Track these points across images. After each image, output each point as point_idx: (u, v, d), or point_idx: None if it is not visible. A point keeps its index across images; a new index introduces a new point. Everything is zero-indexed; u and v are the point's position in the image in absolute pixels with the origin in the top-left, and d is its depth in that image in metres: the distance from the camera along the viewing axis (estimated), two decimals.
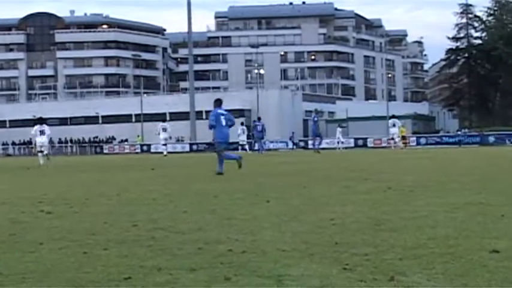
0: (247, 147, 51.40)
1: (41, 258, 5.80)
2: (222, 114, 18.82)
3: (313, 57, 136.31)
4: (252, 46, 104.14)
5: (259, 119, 52.40)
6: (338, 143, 59.82)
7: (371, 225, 7.26)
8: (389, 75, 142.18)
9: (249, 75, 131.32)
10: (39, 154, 31.74)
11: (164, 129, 45.38)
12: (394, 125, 50.28)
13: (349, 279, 4.73)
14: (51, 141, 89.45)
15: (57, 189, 14.24)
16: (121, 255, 5.82)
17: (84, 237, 6.88)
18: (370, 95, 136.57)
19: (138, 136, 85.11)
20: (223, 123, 18.72)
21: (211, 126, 18.80)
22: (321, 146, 46.64)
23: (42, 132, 31.73)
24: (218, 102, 19.19)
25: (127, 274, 5.00)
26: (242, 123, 50.77)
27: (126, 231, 7.27)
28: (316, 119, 44.17)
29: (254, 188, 13.13)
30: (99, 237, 6.88)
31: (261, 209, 9.18)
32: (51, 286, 4.74)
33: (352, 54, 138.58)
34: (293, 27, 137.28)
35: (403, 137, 55.83)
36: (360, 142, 69.67)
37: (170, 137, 48.75)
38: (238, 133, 51.76)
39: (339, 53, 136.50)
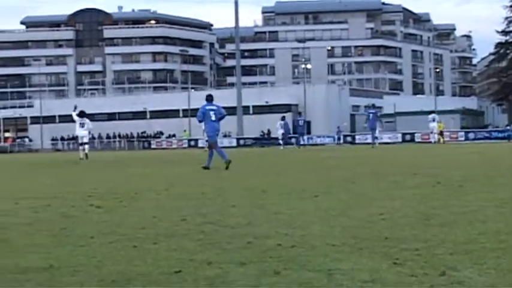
0: (281, 141, 51.11)
1: (92, 251, 5.87)
2: (212, 110, 19.44)
3: (360, 51, 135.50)
4: (299, 41, 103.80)
5: (300, 114, 52.90)
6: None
7: (420, 220, 7.20)
8: (437, 70, 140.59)
9: (295, 70, 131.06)
10: (80, 147, 32.57)
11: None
12: (433, 120, 50.37)
13: (399, 273, 4.70)
14: (99, 137, 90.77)
15: (106, 183, 14.39)
16: (170, 249, 5.86)
17: (134, 232, 6.94)
18: (417, 90, 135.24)
19: (185, 131, 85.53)
20: (213, 118, 19.37)
21: (199, 121, 19.73)
22: (368, 141, 46.44)
23: (82, 126, 32.35)
24: (209, 98, 19.77)
25: (177, 268, 5.03)
26: (283, 118, 50.50)
27: (175, 226, 7.32)
28: (372, 113, 43.70)
29: (302, 183, 13.11)
30: (148, 231, 6.93)
31: (309, 204, 9.16)
32: (102, 279, 4.80)
33: (400, 48, 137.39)
34: (340, 22, 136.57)
35: (441, 132, 55.73)
36: (408, 137, 69.15)
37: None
38: (277, 127, 51.64)
39: (386, 47, 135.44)
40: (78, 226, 7.54)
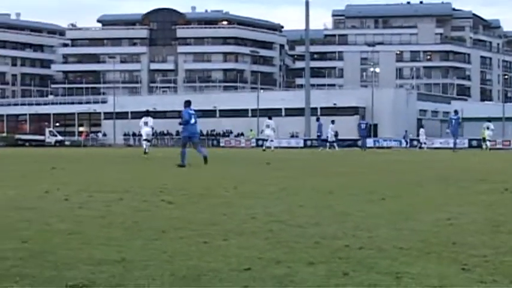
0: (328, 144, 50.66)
1: (164, 246, 6.00)
2: (193, 114, 21.27)
3: (429, 56, 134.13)
4: (368, 44, 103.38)
5: (363, 117, 53.28)
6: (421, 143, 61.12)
7: (489, 227, 7.14)
8: (506, 77, 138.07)
9: (364, 73, 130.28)
10: (145, 143, 34.29)
11: (268, 126, 46.00)
12: (487, 128, 50.27)
13: (468, 279, 4.70)
14: (169, 133, 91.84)
15: (176, 179, 14.60)
16: (240, 246, 5.96)
17: (204, 228, 7.07)
18: (485, 96, 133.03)
19: (251, 130, 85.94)
20: (193, 121, 21.12)
21: (185, 122, 21.15)
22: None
23: (146, 124, 34.27)
24: (188, 103, 21.53)
25: (247, 265, 5.12)
26: (317, 119, 50.07)
27: (244, 223, 7.42)
28: (455, 119, 43.40)
29: (369, 185, 13.08)
30: (218, 228, 7.05)
31: (377, 206, 9.16)
32: (173, 273, 4.91)
33: (469, 54, 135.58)
34: (409, 27, 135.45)
35: (483, 139, 55.25)
36: (474, 143, 68.03)
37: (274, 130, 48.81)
38: (328, 130, 50.88)
39: (455, 53, 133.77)
40: (150, 220, 7.71)
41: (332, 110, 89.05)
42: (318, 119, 51.66)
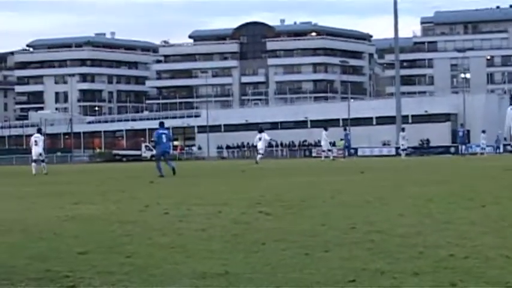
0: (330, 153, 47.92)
1: (265, 258, 5.99)
2: (164, 134, 24.69)
3: None
4: (458, 50, 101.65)
5: (461, 125, 52.70)
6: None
7: None
8: None
9: (454, 79, 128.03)
10: (259, 156, 39.02)
11: (260, 139, 43.00)
12: None
13: None
14: None
15: (273, 191, 14.61)
16: (342, 257, 5.90)
17: (304, 239, 7.04)
18: None
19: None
20: (164, 140, 24.49)
21: (154, 143, 25.51)
22: None
23: (260, 139, 39.85)
24: (161, 124, 25.29)
25: (351, 277, 5.06)
26: (325, 129, 47.47)
27: (344, 234, 7.35)
28: None
29: (468, 191, 12.79)
30: (318, 239, 7.01)
31: (478, 214, 8.94)
32: (278, 286, 4.90)
33: None
34: (500, 31, 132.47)
35: None
36: None
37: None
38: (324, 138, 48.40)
39: None
40: (249, 232, 7.72)
41: (423, 118, 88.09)
42: (345, 129, 50.77)
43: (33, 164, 30.54)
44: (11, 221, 9.48)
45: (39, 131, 32.71)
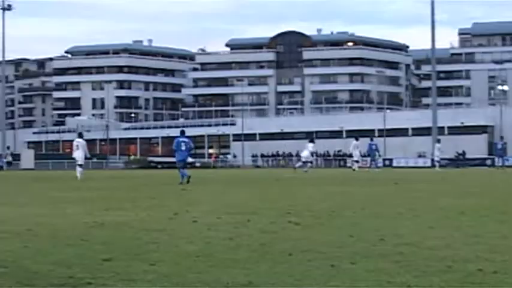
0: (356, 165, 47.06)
1: (290, 269, 5.92)
2: (184, 142, 25.12)
3: None
4: (496, 62, 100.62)
5: (501, 138, 52.42)
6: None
7: None
8: None
9: (492, 91, 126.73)
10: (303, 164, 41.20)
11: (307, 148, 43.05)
12: None
13: None
14: (297, 155, 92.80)
15: (304, 200, 14.54)
16: (368, 269, 5.81)
17: (331, 250, 6.96)
18: None
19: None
20: (183, 148, 24.94)
21: (173, 150, 25.68)
22: None
23: (306, 148, 41.64)
24: (182, 132, 25.93)
25: None
26: (356, 139, 46.95)
27: (372, 245, 7.26)
28: None
29: (501, 205, 12.60)
30: (345, 250, 6.92)
31: (509, 228, 8.79)
32: None
33: None
34: None
35: None
36: None
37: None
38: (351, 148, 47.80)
39: None
40: (277, 242, 7.65)
41: (459, 129, 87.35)
42: (371, 139, 50.09)
43: (78, 168, 30.62)
44: (39, 226, 9.52)
45: (80, 135, 32.97)
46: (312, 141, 43.28)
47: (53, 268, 6.02)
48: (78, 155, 30.51)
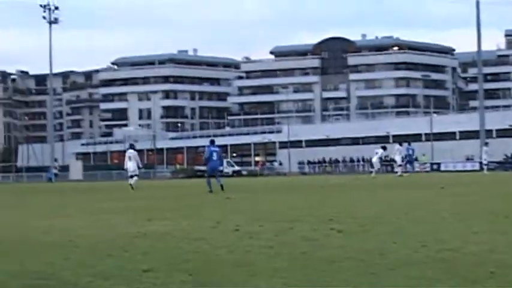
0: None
1: (330, 277, 5.86)
2: (215, 151, 25.59)
3: None
4: None
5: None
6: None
7: None
8: None
9: None
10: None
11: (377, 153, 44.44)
12: None
13: None
14: (344, 160, 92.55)
15: (348, 207, 14.42)
16: (409, 276, 5.71)
17: (372, 257, 6.86)
18: None
19: (424, 155, 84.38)
20: (215, 157, 25.47)
21: (205, 159, 26.18)
22: None
23: (376, 153, 43.58)
24: (211, 142, 26.27)
25: None
26: (384, 148, 46.37)
27: (415, 252, 7.15)
28: None
29: None
30: (387, 257, 6.82)
31: None
32: None
33: None
34: None
35: None
36: None
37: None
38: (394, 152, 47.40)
39: None
40: (318, 250, 7.58)
41: (508, 132, 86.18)
42: (408, 143, 49.03)
43: (130, 179, 31.02)
44: (81, 237, 9.58)
45: (132, 146, 33.21)
46: (384, 148, 44.33)
47: (92, 280, 6.04)
48: (131, 166, 30.91)
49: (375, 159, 42.67)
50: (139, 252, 7.82)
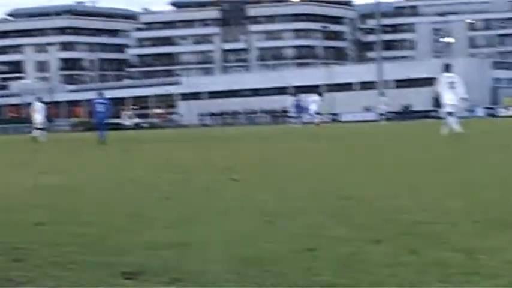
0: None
1: (225, 228, 5.80)
2: (102, 103, 26.25)
3: (502, 24, 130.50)
4: (440, 15, 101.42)
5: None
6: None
7: None
8: None
9: (436, 44, 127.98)
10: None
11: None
12: None
13: None
14: (244, 111, 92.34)
15: (246, 157, 14.40)
16: (306, 225, 5.67)
17: (270, 207, 6.84)
18: None
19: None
20: (100, 109, 26.23)
21: (91, 113, 26.18)
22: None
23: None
24: (99, 93, 27.14)
25: (311, 245, 4.79)
26: (320, 94, 48.30)
27: (311, 201, 7.17)
28: None
29: (436, 158, 12.65)
30: (284, 206, 6.81)
31: (445, 177, 8.79)
32: (231, 258, 4.71)
33: None
34: None
35: None
36: None
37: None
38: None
39: None
40: (214, 201, 7.50)
41: (405, 83, 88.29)
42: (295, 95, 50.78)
43: (36, 131, 31.16)
44: None
45: (39, 99, 33.68)
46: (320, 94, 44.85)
47: None
48: (38, 118, 31.06)
49: (313, 106, 42.99)
50: (33, 205, 7.58)
